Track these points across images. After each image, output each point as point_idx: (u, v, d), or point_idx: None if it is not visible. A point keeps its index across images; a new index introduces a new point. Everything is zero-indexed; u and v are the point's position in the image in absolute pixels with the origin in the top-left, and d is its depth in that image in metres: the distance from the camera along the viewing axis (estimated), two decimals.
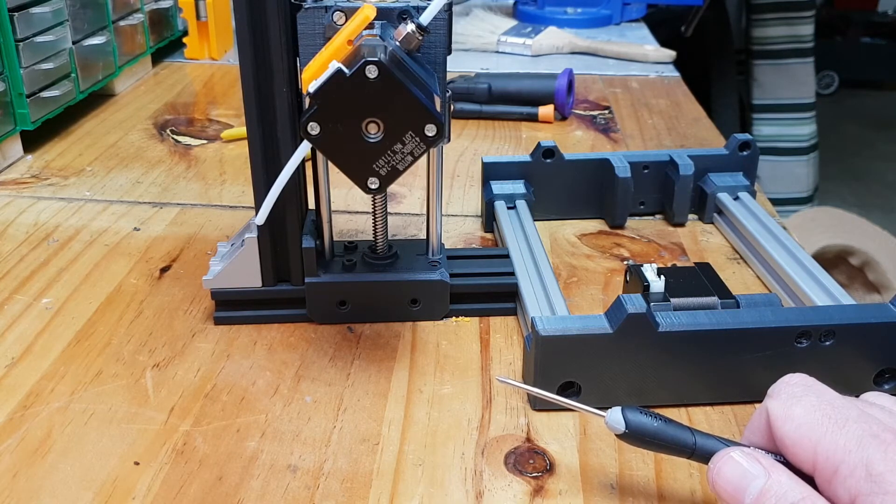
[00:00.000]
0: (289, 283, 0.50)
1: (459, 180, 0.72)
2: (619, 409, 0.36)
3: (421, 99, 0.40)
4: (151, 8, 0.97)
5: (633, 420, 0.36)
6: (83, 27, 0.81)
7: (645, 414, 0.36)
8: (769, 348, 0.43)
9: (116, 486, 0.39)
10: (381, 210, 0.50)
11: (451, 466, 0.40)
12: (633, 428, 0.36)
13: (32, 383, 0.45)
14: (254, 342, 0.49)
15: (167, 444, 0.41)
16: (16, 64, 0.71)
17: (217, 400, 0.45)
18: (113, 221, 0.64)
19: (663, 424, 0.36)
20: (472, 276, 0.52)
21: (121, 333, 0.50)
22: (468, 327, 0.51)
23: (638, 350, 0.42)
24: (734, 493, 0.33)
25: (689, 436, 0.36)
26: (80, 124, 0.83)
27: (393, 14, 0.44)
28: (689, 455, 0.36)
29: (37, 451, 0.41)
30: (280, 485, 0.39)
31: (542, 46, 1.09)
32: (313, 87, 0.39)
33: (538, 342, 0.42)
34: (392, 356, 0.48)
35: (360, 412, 0.44)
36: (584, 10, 1.23)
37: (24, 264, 0.57)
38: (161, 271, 0.57)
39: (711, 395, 0.44)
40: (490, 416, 0.44)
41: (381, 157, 0.41)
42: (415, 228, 0.63)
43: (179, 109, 0.89)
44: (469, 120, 0.86)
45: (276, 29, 0.44)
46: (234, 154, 0.77)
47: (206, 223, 0.64)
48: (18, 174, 0.72)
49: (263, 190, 0.46)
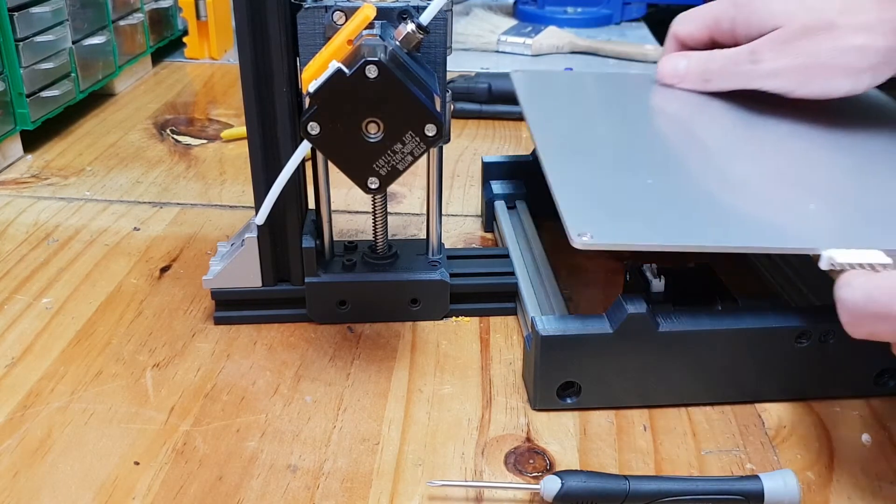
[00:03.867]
0: (289, 282, 0.50)
1: (459, 180, 0.72)
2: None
3: (421, 99, 0.40)
4: (151, 7, 0.97)
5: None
6: (83, 27, 0.81)
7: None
8: (769, 348, 0.43)
9: (116, 486, 0.39)
10: (381, 210, 0.50)
11: (451, 466, 0.40)
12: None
13: (32, 383, 0.45)
14: (254, 342, 0.49)
15: (167, 444, 0.41)
16: (16, 64, 0.71)
17: (217, 400, 0.45)
18: (113, 221, 0.64)
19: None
20: (472, 276, 0.52)
21: (121, 333, 0.50)
22: (468, 327, 0.51)
23: (638, 350, 0.42)
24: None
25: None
26: (80, 124, 0.83)
27: (393, 14, 0.44)
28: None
29: (37, 451, 0.41)
30: (280, 485, 0.39)
31: (543, 46, 1.09)
32: (313, 87, 0.39)
33: (538, 342, 0.42)
34: (392, 356, 0.48)
35: (360, 412, 0.44)
36: (585, 10, 1.23)
37: (24, 264, 0.57)
38: (161, 271, 0.57)
39: (711, 395, 0.44)
40: (490, 415, 0.44)
41: (381, 156, 0.41)
42: (415, 228, 0.63)
43: (179, 109, 0.88)
44: (469, 120, 0.86)
45: (276, 29, 0.44)
46: (234, 154, 0.77)
47: (206, 223, 0.64)
48: (18, 174, 0.72)
49: (263, 190, 0.46)
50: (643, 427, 0.43)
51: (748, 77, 0.51)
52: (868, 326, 0.35)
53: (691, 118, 0.53)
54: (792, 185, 0.45)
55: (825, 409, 0.44)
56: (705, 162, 0.48)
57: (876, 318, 0.35)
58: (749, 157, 0.49)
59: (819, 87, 0.50)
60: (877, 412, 0.44)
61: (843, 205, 0.44)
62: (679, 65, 0.55)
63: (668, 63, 0.56)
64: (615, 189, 0.44)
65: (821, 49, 0.49)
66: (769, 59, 0.50)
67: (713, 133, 0.51)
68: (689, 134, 0.52)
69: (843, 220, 0.42)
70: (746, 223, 0.42)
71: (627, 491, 0.37)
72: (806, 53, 0.49)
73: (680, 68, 0.54)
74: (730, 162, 0.48)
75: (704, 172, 0.47)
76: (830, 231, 0.41)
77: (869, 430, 0.43)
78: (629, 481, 0.37)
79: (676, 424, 0.43)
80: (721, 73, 0.53)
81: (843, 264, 0.38)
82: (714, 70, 0.53)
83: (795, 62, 0.49)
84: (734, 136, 0.51)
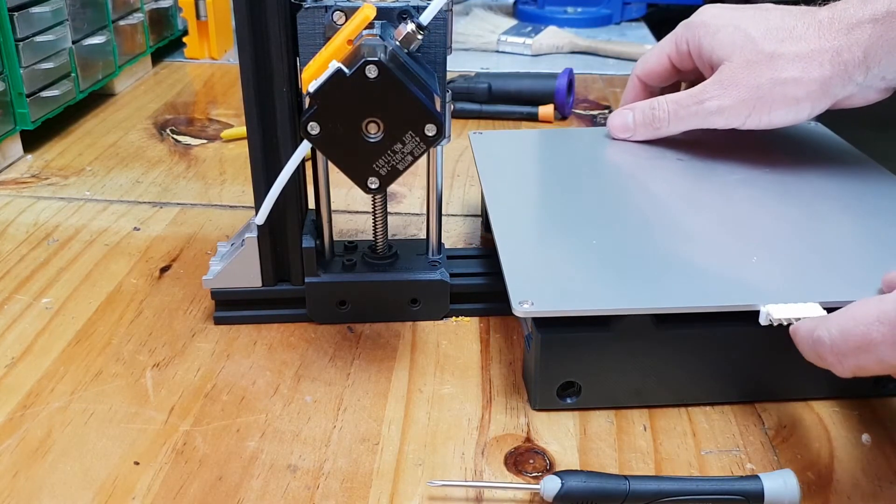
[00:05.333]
0: (289, 282, 0.50)
1: (459, 180, 0.72)
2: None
3: (421, 99, 0.40)
4: (151, 7, 0.97)
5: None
6: (83, 27, 0.81)
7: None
8: (769, 348, 0.43)
9: (116, 486, 0.39)
10: (381, 210, 0.50)
11: (451, 466, 0.40)
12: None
13: (32, 383, 0.45)
14: (254, 342, 0.49)
15: (167, 444, 0.41)
16: (16, 63, 0.71)
17: (217, 400, 0.45)
18: (113, 221, 0.64)
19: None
20: (472, 276, 0.52)
21: (121, 333, 0.50)
22: (468, 327, 0.51)
23: (638, 350, 0.42)
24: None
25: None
26: (80, 124, 0.83)
27: (393, 14, 0.44)
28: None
29: (37, 451, 0.41)
30: (280, 485, 0.39)
31: (543, 46, 1.09)
32: (313, 87, 0.39)
33: (538, 342, 0.42)
34: (392, 356, 0.48)
35: (360, 412, 0.44)
36: (585, 10, 1.23)
37: (24, 264, 0.57)
38: (161, 271, 0.57)
39: (711, 395, 0.44)
40: (490, 415, 0.44)
41: (381, 156, 0.41)
42: (415, 228, 0.63)
43: (179, 109, 0.88)
44: (469, 120, 0.86)
45: (276, 29, 0.44)
46: (234, 154, 0.77)
47: (206, 223, 0.64)
48: (18, 174, 0.72)
49: (263, 190, 0.46)
50: (643, 427, 0.43)
51: (696, 117, 0.53)
52: (852, 360, 0.35)
53: (642, 171, 0.55)
54: (737, 236, 0.47)
55: (825, 409, 0.44)
56: (652, 217, 0.49)
57: (858, 350, 0.34)
58: (698, 209, 0.50)
59: (763, 119, 0.51)
60: (877, 412, 0.44)
61: (787, 256, 0.45)
62: (627, 118, 0.56)
63: (617, 118, 0.57)
64: (560, 252, 0.45)
65: (761, 81, 0.50)
66: (714, 97, 0.51)
67: (663, 186, 0.53)
68: (639, 187, 0.53)
69: (785, 273, 0.43)
70: (688, 282, 0.42)
71: (627, 491, 0.37)
72: (748, 87, 0.50)
73: (629, 121, 0.56)
74: (677, 215, 0.49)
75: (650, 229, 0.48)
76: (770, 285, 0.42)
77: (869, 430, 0.43)
78: (629, 481, 0.37)
79: (676, 424, 0.43)
80: (669, 118, 0.54)
81: (780, 319, 0.39)
82: (662, 118, 0.54)
83: (739, 97, 0.51)
84: (684, 187, 0.52)
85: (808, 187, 0.52)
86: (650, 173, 0.54)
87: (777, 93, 0.49)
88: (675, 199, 0.51)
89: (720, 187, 0.52)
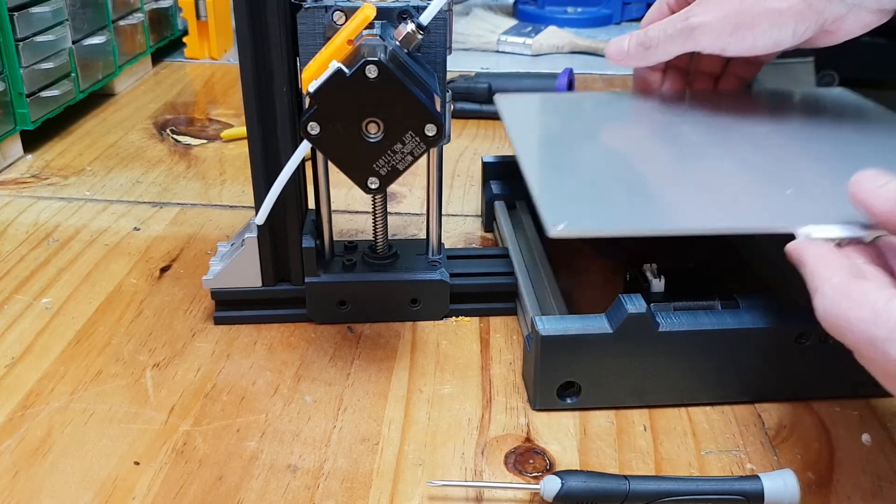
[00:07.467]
0: (289, 282, 0.50)
1: (459, 180, 0.72)
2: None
3: (421, 99, 0.40)
4: (151, 7, 0.97)
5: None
6: (83, 27, 0.81)
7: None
8: (769, 348, 0.43)
9: (116, 486, 0.39)
10: (381, 210, 0.50)
11: (451, 466, 0.40)
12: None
13: (32, 383, 0.46)
14: (254, 342, 0.49)
15: (167, 444, 0.41)
16: (16, 64, 0.71)
17: (217, 400, 0.45)
18: (113, 221, 0.64)
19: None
20: (472, 276, 0.52)
21: (121, 333, 0.50)
22: (468, 327, 0.51)
23: (638, 350, 0.42)
24: None
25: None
26: (80, 124, 0.83)
27: (393, 14, 0.44)
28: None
29: (37, 451, 0.41)
30: (280, 485, 0.39)
31: (543, 46, 1.09)
32: (313, 87, 0.39)
33: (538, 342, 0.42)
34: (392, 356, 0.48)
35: (360, 412, 0.44)
36: (585, 10, 1.23)
37: (24, 264, 0.57)
38: (161, 271, 0.57)
39: (711, 395, 0.44)
40: (490, 415, 0.44)
41: (381, 156, 0.41)
42: (415, 228, 0.63)
43: (179, 109, 0.89)
44: (469, 120, 0.86)
45: (276, 29, 0.44)
46: (234, 154, 0.77)
47: (206, 223, 0.64)
48: (18, 174, 0.72)
49: (263, 190, 0.46)
50: (643, 427, 0.43)
51: (683, 36, 0.53)
52: (837, 334, 0.34)
53: (672, 125, 0.55)
54: (769, 174, 0.47)
55: (825, 409, 0.44)
56: (684, 159, 0.49)
57: (836, 327, 0.34)
58: (729, 152, 0.50)
59: (747, 38, 0.51)
60: (877, 412, 0.44)
61: (821, 190, 0.44)
62: (622, 43, 0.57)
63: (614, 43, 0.58)
64: (591, 181, 0.45)
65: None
66: (699, 13, 0.51)
67: (693, 136, 0.53)
68: (669, 135, 0.53)
69: (819, 205, 0.43)
70: (725, 207, 0.42)
71: (627, 491, 0.37)
72: (731, 2, 0.51)
73: (623, 45, 0.56)
74: (709, 158, 0.49)
75: (683, 166, 0.48)
76: (806, 213, 0.41)
77: (869, 430, 0.43)
78: (629, 481, 0.37)
79: (676, 424, 0.43)
80: (658, 37, 0.54)
81: (819, 239, 0.38)
82: (652, 36, 0.54)
83: (722, 12, 0.51)
84: (714, 136, 0.53)
85: (839, 137, 0.52)
86: (679, 127, 0.54)
87: (759, 8, 0.49)
88: (706, 145, 0.51)
89: (749, 137, 0.52)
